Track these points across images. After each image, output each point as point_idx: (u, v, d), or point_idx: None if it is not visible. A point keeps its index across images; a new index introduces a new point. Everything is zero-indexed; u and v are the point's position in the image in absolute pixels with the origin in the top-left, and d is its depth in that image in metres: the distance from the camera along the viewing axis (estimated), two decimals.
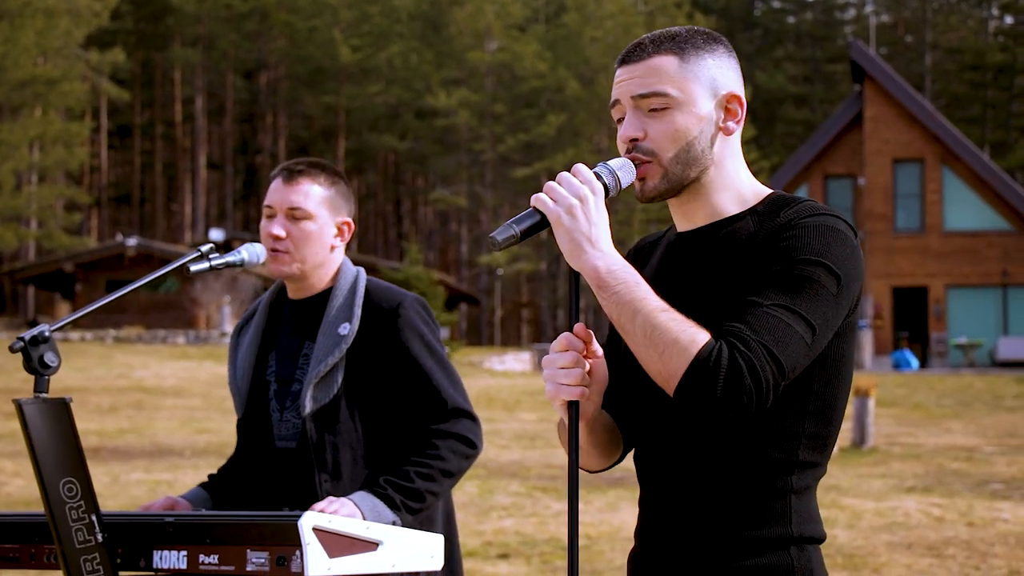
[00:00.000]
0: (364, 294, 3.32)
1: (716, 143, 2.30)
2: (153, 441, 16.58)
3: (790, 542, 2.22)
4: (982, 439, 17.50)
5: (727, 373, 2.04)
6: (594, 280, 2.13)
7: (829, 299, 2.15)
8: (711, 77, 2.30)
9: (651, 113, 2.27)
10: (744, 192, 2.34)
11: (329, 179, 3.40)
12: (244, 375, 3.38)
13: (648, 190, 2.28)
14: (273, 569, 2.41)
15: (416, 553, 2.57)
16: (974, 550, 9.28)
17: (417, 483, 3.13)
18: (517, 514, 11.00)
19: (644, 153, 2.27)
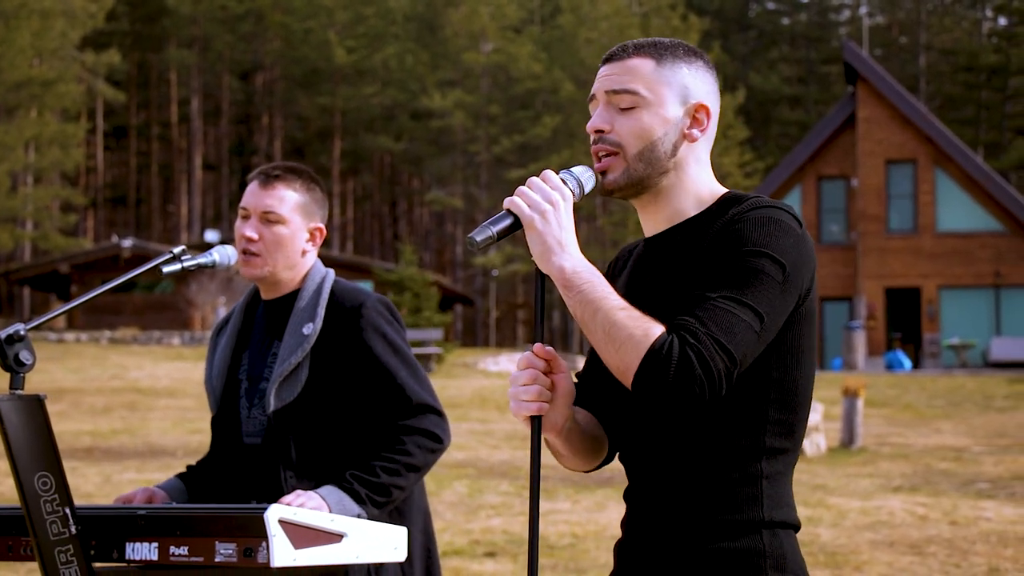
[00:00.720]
0: (329, 295, 3.40)
1: (680, 148, 2.41)
2: (146, 441, 16.66)
3: (761, 526, 2.31)
4: (971, 439, 17.59)
5: (678, 364, 2.13)
6: (560, 280, 2.23)
7: (775, 288, 2.24)
8: (683, 84, 2.41)
9: (621, 111, 2.39)
10: (703, 195, 2.44)
11: (305, 185, 3.47)
12: (219, 374, 3.47)
13: (608, 182, 2.38)
14: (240, 560, 2.50)
15: (380, 545, 2.66)
16: (955, 548, 9.37)
17: (383, 478, 3.20)
18: (506, 513, 11.09)
19: (610, 144, 2.38)
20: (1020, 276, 36.25)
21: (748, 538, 2.30)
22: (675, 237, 2.41)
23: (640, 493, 2.42)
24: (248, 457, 3.38)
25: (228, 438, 3.44)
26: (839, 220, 37.89)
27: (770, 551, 2.30)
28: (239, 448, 3.41)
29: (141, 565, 2.64)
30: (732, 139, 57.04)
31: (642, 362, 2.15)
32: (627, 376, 2.18)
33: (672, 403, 2.17)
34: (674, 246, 2.40)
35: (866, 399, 19.40)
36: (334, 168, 61.77)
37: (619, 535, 2.50)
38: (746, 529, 2.30)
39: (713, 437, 2.31)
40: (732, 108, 56.27)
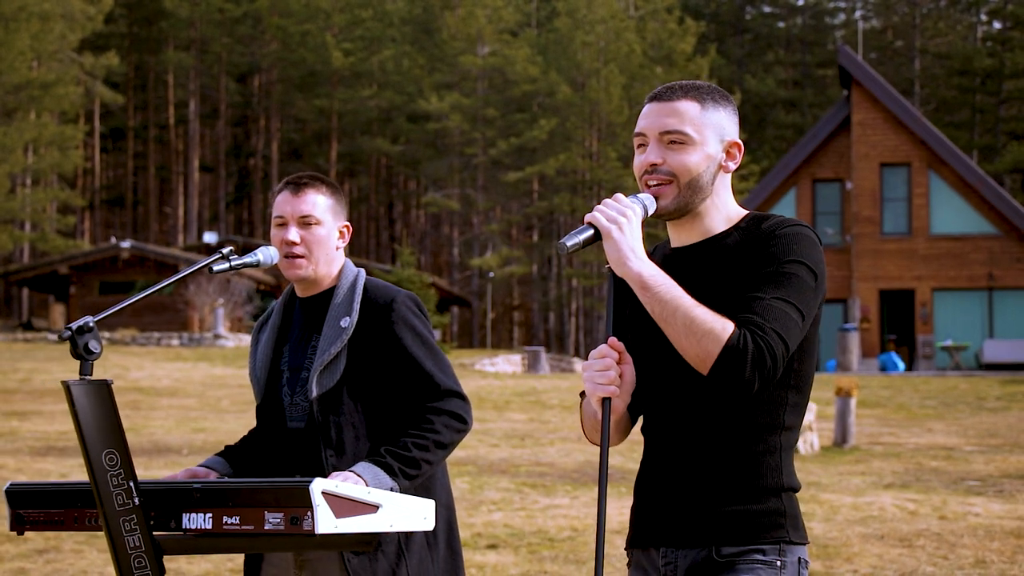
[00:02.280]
0: (363, 291, 3.75)
1: (717, 178, 2.87)
2: (151, 440, 16.91)
3: (781, 491, 2.78)
4: (962, 439, 17.85)
5: (753, 355, 2.61)
6: (638, 283, 2.67)
7: (810, 291, 2.75)
8: (721, 126, 2.88)
9: (670, 145, 2.82)
10: (731, 214, 2.91)
11: (329, 189, 3.85)
12: (262, 366, 3.80)
13: (661, 207, 2.83)
14: (288, 528, 2.79)
15: (411, 515, 2.96)
16: (943, 541, 9.66)
17: (414, 452, 3.53)
18: (506, 508, 11.37)
19: (663, 175, 2.82)
20: (1013, 279, 36.54)
21: (771, 501, 2.76)
22: (708, 248, 2.86)
23: (666, 461, 2.83)
24: (292, 440, 3.70)
25: (273, 424, 3.76)
26: (834, 223, 38.15)
27: (788, 511, 2.78)
28: (283, 432, 3.73)
29: (197, 533, 2.93)
30: None
31: (722, 352, 2.60)
32: (706, 364, 2.63)
33: (745, 387, 2.62)
34: (708, 255, 2.85)
35: (860, 400, 19.69)
36: (331, 170, 61.96)
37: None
38: (769, 493, 2.76)
39: (742, 416, 2.75)
40: None
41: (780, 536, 2.74)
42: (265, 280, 45.49)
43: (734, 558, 2.73)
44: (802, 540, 2.78)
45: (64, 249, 48.64)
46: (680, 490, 2.79)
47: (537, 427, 18.69)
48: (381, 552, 3.56)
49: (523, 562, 9.01)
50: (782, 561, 2.73)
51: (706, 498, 2.75)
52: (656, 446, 2.87)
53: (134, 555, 2.86)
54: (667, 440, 2.84)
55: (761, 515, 2.74)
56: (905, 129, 37.11)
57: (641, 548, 2.87)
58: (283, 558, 3.67)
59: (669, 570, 2.79)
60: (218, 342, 37.75)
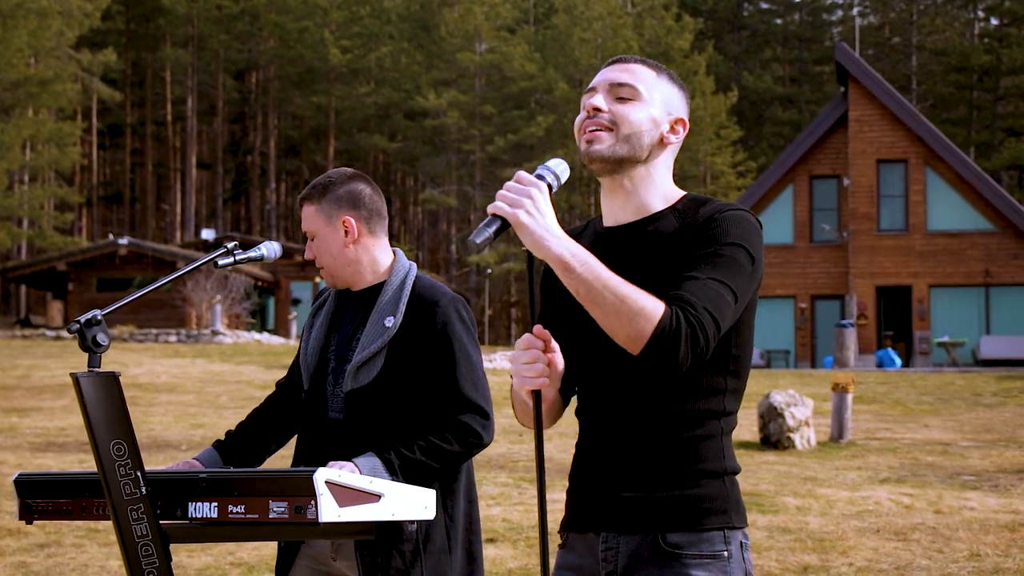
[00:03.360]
0: (411, 290, 3.75)
1: (656, 147, 2.81)
2: (150, 435, 16.95)
3: (724, 474, 2.76)
4: (958, 434, 17.90)
5: (686, 334, 2.52)
6: (560, 265, 2.51)
7: (746, 274, 2.69)
8: (671, 99, 2.85)
9: (619, 100, 2.78)
10: (668, 192, 2.86)
11: (319, 194, 3.80)
12: (313, 352, 3.83)
13: (594, 151, 2.75)
14: (292, 516, 2.85)
15: (412, 504, 3.01)
16: (939, 535, 9.73)
17: (417, 455, 3.56)
18: (504, 503, 11.42)
19: (604, 121, 2.76)
20: (1010, 275, 36.60)
21: (714, 485, 2.74)
22: (641, 229, 2.79)
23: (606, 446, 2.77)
24: (330, 430, 3.73)
25: (316, 412, 3.79)
26: (831, 219, 38.21)
27: (731, 495, 2.77)
28: (324, 422, 3.76)
29: (202, 522, 2.99)
30: (725, 139, 57.37)
31: (654, 332, 2.50)
32: (638, 344, 2.52)
33: (677, 366, 2.54)
34: (641, 238, 2.77)
35: (856, 396, 19.74)
36: (328, 167, 61.94)
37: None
38: (712, 477, 2.74)
39: (683, 401, 2.71)
40: (725, 108, 56.58)
41: (724, 522, 2.72)
42: (263, 277, 45.52)
43: (680, 548, 2.69)
44: (743, 523, 2.77)
45: (62, 246, 48.66)
46: (622, 475, 2.74)
47: None
48: (396, 551, 3.58)
49: (521, 555, 9.07)
50: (728, 550, 2.71)
51: (649, 483, 2.71)
52: (593, 430, 2.82)
53: (141, 543, 2.92)
54: (606, 424, 2.78)
55: (705, 500, 2.71)
56: (902, 126, 37.16)
57: (578, 532, 2.83)
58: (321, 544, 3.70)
59: (610, 555, 2.75)
60: (216, 338, 37.78)
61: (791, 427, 15.83)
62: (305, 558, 3.74)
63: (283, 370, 26.42)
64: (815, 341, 37.36)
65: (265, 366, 28.34)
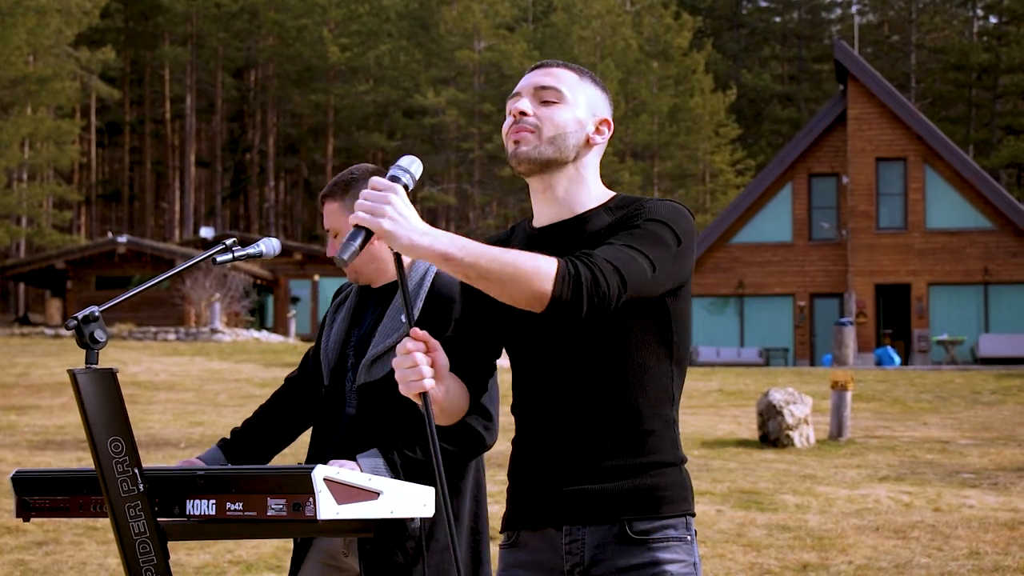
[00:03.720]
0: (429, 287, 3.75)
1: (582, 148, 2.83)
2: (148, 433, 16.94)
3: (680, 463, 2.80)
4: (957, 432, 17.90)
5: (587, 279, 2.49)
6: (440, 257, 2.45)
7: (669, 252, 2.67)
8: (594, 100, 2.88)
9: (543, 103, 2.81)
10: (598, 192, 2.87)
11: (342, 190, 3.83)
12: (334, 347, 3.83)
13: (520, 152, 2.78)
14: (290, 513, 2.83)
15: (412, 502, 3.00)
16: (938, 533, 9.72)
17: (419, 455, 3.57)
18: (501, 500, 11.40)
19: (529, 125, 2.79)
20: (1009, 273, 36.61)
21: (674, 473, 2.76)
22: (573, 228, 2.79)
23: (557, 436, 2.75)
24: (347, 425, 3.73)
25: (334, 407, 3.79)
26: (830, 217, 38.21)
27: (686, 483, 2.80)
28: (341, 417, 3.76)
29: (200, 519, 2.97)
30: (724, 137, 57.36)
31: (555, 284, 2.47)
32: (541, 301, 2.48)
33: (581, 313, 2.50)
34: (572, 236, 2.77)
35: (855, 394, 19.71)
36: (328, 165, 61.99)
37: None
38: (671, 465, 2.76)
39: (636, 390, 2.73)
40: (724, 106, 56.57)
41: (684, 509, 2.76)
42: (262, 275, 45.51)
43: (646, 534, 2.71)
44: (693, 511, 2.80)
45: (61, 244, 48.66)
46: (580, 468, 2.73)
47: None
48: (399, 547, 3.57)
49: None
50: (690, 535, 2.75)
51: (612, 474, 2.71)
52: (537, 425, 2.80)
53: (139, 540, 2.91)
54: (552, 418, 2.76)
55: (667, 488, 2.73)
56: (901, 124, 37.15)
57: (533, 528, 2.81)
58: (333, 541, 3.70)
59: (576, 547, 2.74)
60: (215, 336, 37.78)
61: (790, 425, 15.82)
62: (318, 552, 3.75)
63: (282, 368, 26.40)
64: (814, 339, 37.36)
65: (264, 364, 28.33)
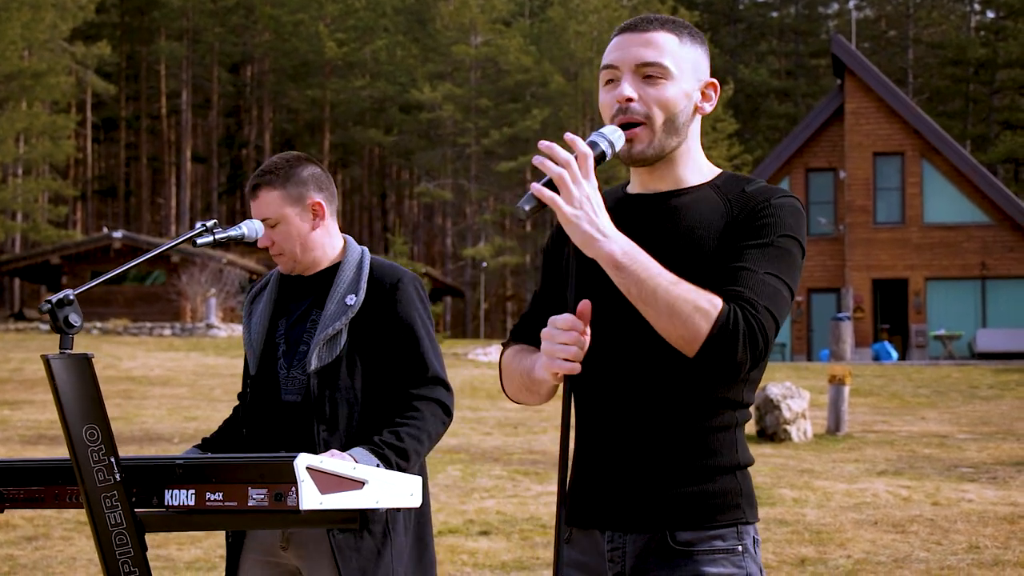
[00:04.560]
0: (369, 270, 3.74)
1: (692, 120, 2.61)
2: (142, 428, 16.85)
3: (737, 468, 2.57)
4: (955, 427, 17.84)
5: (746, 334, 2.36)
6: (611, 263, 2.34)
7: (797, 267, 2.54)
8: (697, 62, 2.60)
9: (647, 80, 2.54)
10: (703, 167, 2.66)
11: (283, 177, 3.71)
12: (258, 336, 3.77)
13: (636, 153, 2.54)
14: (271, 503, 2.73)
15: (397, 492, 2.89)
16: (937, 527, 9.63)
17: (407, 443, 3.53)
18: (499, 495, 11.33)
19: (637, 114, 2.52)
20: (1006, 268, 36.53)
21: (727, 479, 2.55)
22: (677, 198, 2.59)
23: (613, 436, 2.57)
24: (285, 413, 3.67)
25: (267, 396, 3.72)
26: (827, 212, 38.10)
27: (744, 489, 2.58)
28: (277, 405, 3.70)
29: (180, 510, 2.87)
30: (721, 132, 57.26)
31: (712, 332, 2.34)
32: (693, 346, 2.36)
33: (736, 368, 2.38)
34: (680, 204, 2.58)
35: (853, 389, 19.65)
36: (324, 161, 61.80)
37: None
38: (725, 472, 2.55)
39: (701, 390, 2.52)
40: (721, 101, 56.47)
41: (737, 517, 2.54)
42: (257, 270, 45.38)
43: (691, 545, 2.51)
44: (755, 518, 2.59)
45: (56, 239, 48.53)
46: (628, 470, 2.54)
47: (530, 415, 18.64)
48: (368, 532, 3.55)
49: (515, 548, 8.97)
50: (742, 545, 2.53)
51: (659, 479, 2.52)
52: (597, 420, 2.61)
53: (115, 532, 2.81)
54: (612, 414, 2.58)
55: (717, 495, 2.53)
56: (898, 118, 37.06)
57: (582, 528, 2.63)
58: (268, 536, 3.63)
59: (617, 556, 2.56)
60: (211, 332, 37.66)
61: (788, 419, 15.74)
62: (254, 551, 3.68)
63: None
64: (811, 334, 37.25)
65: None
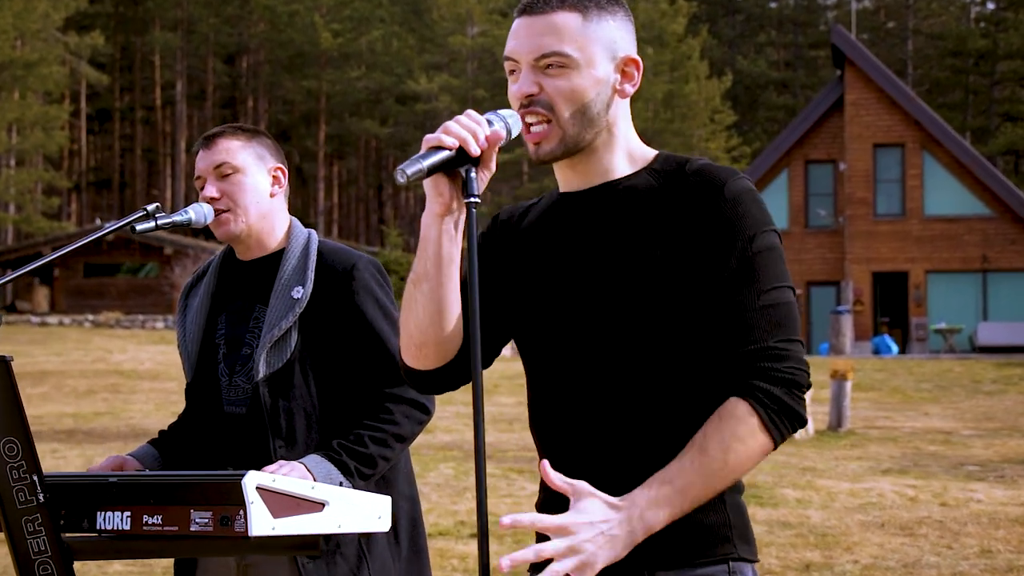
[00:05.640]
0: (317, 256, 3.23)
1: (612, 106, 2.25)
2: (129, 424, 16.52)
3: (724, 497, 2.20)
4: (959, 423, 17.53)
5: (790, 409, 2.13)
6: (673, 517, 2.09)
7: (783, 256, 2.22)
8: (611, 39, 2.24)
9: (548, 70, 2.21)
10: (634, 151, 2.30)
11: (247, 134, 3.28)
12: (193, 338, 3.29)
13: (544, 153, 2.22)
14: (217, 529, 2.37)
15: (363, 514, 2.53)
16: (947, 529, 9.28)
17: (371, 448, 3.07)
18: (492, 495, 10.97)
19: (542, 107, 2.21)
20: (1007, 261, 36.24)
21: (715, 511, 2.18)
22: (610, 191, 2.25)
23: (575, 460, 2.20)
24: (230, 427, 3.20)
25: (207, 407, 3.26)
26: (827, 204, 37.80)
27: (734, 521, 2.21)
28: (219, 418, 3.22)
29: (113, 535, 2.50)
30: (719, 123, 56.93)
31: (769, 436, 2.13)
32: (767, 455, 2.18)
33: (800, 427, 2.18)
34: (611, 200, 2.24)
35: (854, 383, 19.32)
36: (319, 152, 61.55)
37: None
38: (713, 502, 2.16)
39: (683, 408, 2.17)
40: (719, 93, 56.14)
41: (727, 552, 2.17)
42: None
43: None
44: (752, 555, 2.22)
45: (48, 231, 48.19)
46: None
47: (525, 411, 18.29)
48: (340, 554, 3.10)
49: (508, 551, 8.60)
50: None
51: None
52: (556, 440, 2.26)
53: (39, 561, 2.44)
54: (573, 433, 2.22)
55: (703, 528, 2.16)
56: (899, 109, 36.74)
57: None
58: (221, 564, 3.18)
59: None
60: None
61: None
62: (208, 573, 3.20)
63: None
64: (810, 328, 36.92)
65: None
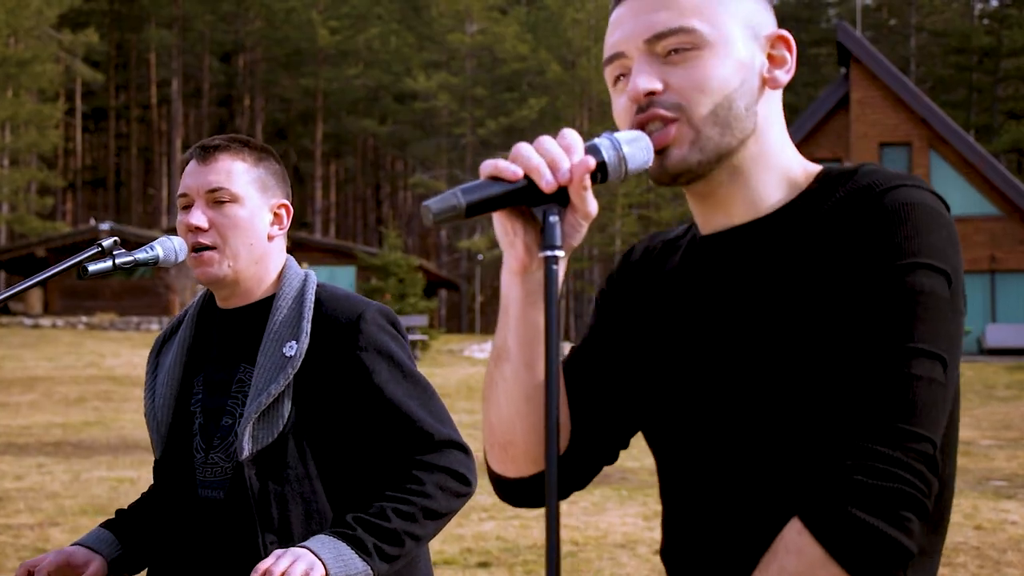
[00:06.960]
0: (315, 304, 2.61)
1: (761, 100, 1.66)
2: (119, 435, 15.97)
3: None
4: (977, 431, 17.04)
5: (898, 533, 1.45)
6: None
7: (945, 310, 1.51)
8: (750, 17, 1.65)
9: (671, 57, 1.62)
10: (794, 171, 1.67)
11: (255, 155, 2.65)
12: (164, 404, 2.67)
13: (674, 163, 1.60)
14: None
15: None
16: (986, 557, 8.72)
17: (395, 522, 2.48)
18: (499, 516, 10.41)
19: (668, 108, 1.60)
20: (1016, 261, 35.76)
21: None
22: (760, 235, 1.64)
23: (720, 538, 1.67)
24: (207, 516, 2.57)
25: (178, 490, 2.63)
26: None
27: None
28: (192, 503, 2.60)
29: None
30: None
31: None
32: None
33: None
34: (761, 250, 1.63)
35: None
36: (316, 151, 61.09)
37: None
38: None
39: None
40: None
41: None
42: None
43: None
44: None
45: (42, 231, 47.72)
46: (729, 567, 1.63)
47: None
48: None
49: None
50: None
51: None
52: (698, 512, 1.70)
53: None
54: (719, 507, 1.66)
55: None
56: (905, 107, 36.25)
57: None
58: None
59: None
60: None
61: None
62: None
63: None
64: None
65: None
